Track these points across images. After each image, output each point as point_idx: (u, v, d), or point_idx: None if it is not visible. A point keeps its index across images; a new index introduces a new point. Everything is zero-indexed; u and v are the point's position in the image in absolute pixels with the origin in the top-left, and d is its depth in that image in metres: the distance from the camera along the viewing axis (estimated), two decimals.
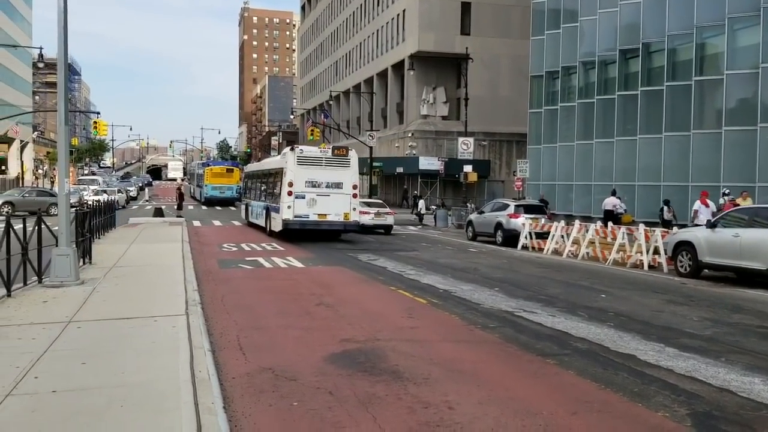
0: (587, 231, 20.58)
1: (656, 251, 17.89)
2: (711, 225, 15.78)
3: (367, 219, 27.97)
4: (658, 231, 18.22)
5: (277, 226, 24.14)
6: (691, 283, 15.16)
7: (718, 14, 28.10)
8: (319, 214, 23.34)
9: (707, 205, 22.90)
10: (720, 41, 28.57)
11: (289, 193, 23.11)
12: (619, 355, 8.09)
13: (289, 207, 23.11)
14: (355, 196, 23.94)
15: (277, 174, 25.20)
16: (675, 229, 18.71)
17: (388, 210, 29.74)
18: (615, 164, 33.64)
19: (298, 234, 23.71)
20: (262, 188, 28.61)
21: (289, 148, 25.35)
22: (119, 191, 45.56)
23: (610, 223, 21.82)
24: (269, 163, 30.49)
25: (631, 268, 17.99)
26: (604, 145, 34.40)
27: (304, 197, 23.20)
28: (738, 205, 22.48)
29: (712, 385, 6.90)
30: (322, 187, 23.45)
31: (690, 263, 15.98)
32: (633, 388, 6.69)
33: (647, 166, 31.64)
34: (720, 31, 28.28)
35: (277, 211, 24.17)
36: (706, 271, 16.03)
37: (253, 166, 36.33)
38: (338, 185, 23.63)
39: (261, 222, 27.58)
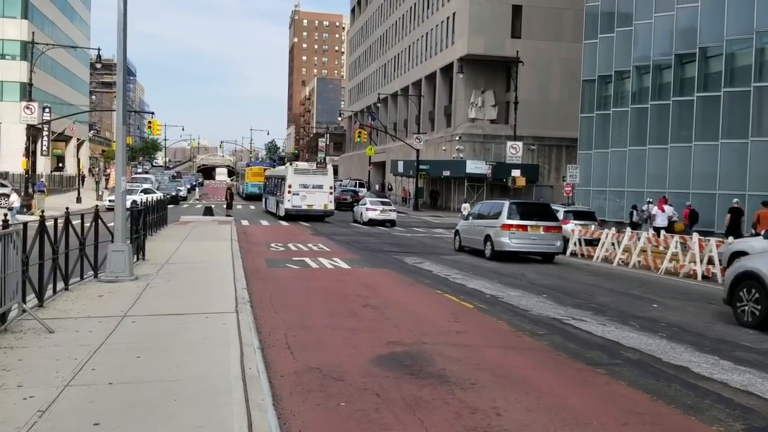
0: (639, 239, 20.14)
1: (710, 261, 17.39)
2: None
3: (375, 215, 35.16)
4: (713, 240, 17.70)
5: (282, 212, 35.99)
6: None
7: None
8: (308, 205, 35.13)
9: (663, 210, 23.49)
10: None
11: (289, 192, 34.92)
12: (671, 366, 7.91)
13: (289, 200, 35.02)
14: (330, 193, 36.18)
15: (283, 179, 36.74)
16: (662, 233, 18.57)
17: (392, 207, 36.67)
18: (669, 171, 32.81)
19: (296, 217, 35.08)
20: (274, 187, 40.10)
21: (289, 163, 39.69)
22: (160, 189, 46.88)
23: (662, 232, 21.31)
24: (278, 171, 43.02)
25: (684, 278, 17.54)
26: (658, 152, 33.60)
27: (298, 194, 34.98)
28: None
29: None
30: (310, 188, 35.21)
31: None
32: (686, 401, 6.54)
33: (702, 174, 30.77)
34: None
35: (282, 203, 35.99)
36: None
37: (269, 172, 48.57)
38: (320, 186, 35.45)
39: (273, 210, 39.25)
